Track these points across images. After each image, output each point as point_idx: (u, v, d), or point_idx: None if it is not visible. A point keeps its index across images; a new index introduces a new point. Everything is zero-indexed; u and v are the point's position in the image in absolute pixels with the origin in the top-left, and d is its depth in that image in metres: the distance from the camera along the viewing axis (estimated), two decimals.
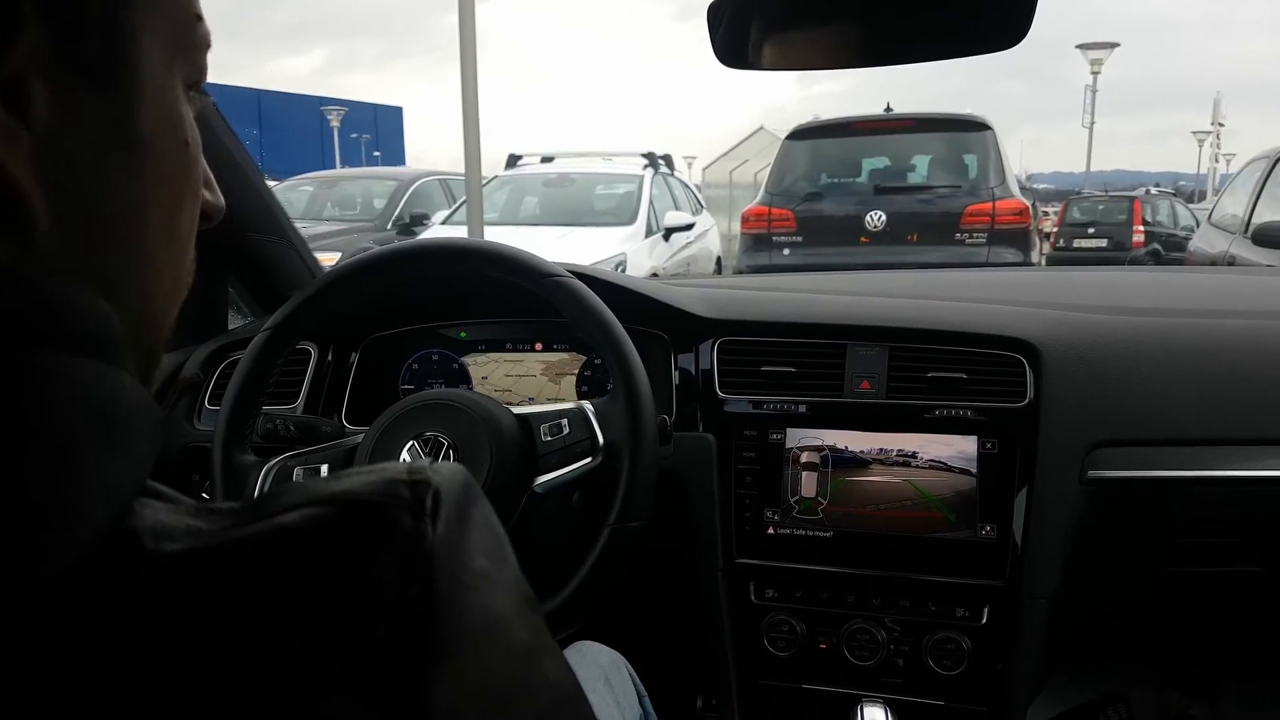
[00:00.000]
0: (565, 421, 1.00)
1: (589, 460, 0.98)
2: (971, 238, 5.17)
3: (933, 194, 5.46)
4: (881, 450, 1.15)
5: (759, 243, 5.61)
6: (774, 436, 1.19)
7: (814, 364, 1.20)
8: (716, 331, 1.24)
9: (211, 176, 0.42)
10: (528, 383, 1.32)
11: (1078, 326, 1.21)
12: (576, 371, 1.31)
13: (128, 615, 0.27)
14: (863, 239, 5.37)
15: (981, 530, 1.12)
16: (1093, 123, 21.60)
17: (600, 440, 0.98)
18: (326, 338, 1.31)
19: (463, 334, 1.34)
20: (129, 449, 0.30)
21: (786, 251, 5.52)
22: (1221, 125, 24.80)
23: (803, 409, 1.18)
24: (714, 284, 1.41)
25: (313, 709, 0.26)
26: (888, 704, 1.07)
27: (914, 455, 1.14)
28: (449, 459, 0.96)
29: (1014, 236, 5.13)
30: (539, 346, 1.32)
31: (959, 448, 1.13)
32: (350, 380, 1.30)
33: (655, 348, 1.25)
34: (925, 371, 1.16)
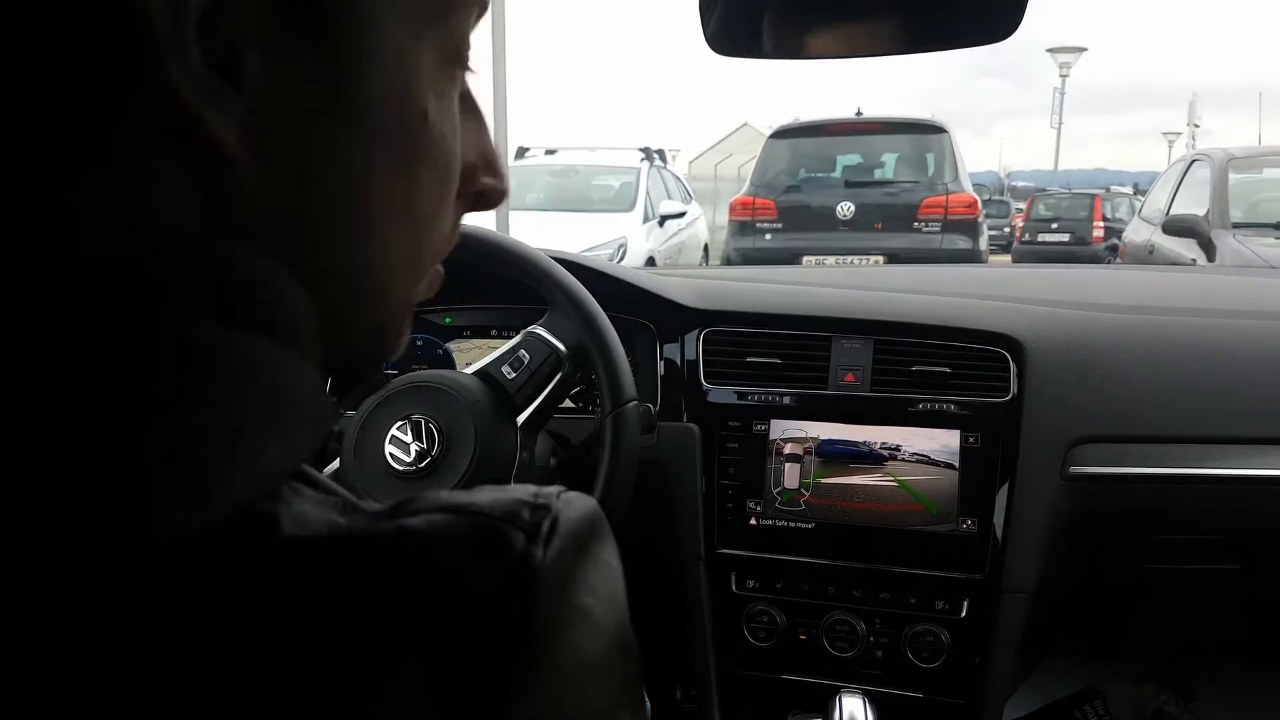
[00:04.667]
0: (523, 352, 1.02)
1: (559, 373, 1.01)
2: (928, 226, 5.94)
3: (896, 187, 6.27)
4: (865, 443, 1.16)
5: (744, 228, 6.36)
6: (758, 427, 1.19)
7: (799, 356, 1.20)
8: (702, 321, 1.24)
9: (495, 158, 0.40)
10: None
11: (1062, 323, 1.21)
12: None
13: (244, 591, 0.27)
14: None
15: (962, 524, 1.13)
16: (1060, 124, 22.39)
17: (562, 348, 1.01)
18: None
19: (447, 319, 1.33)
20: (286, 434, 0.30)
21: (768, 237, 6.27)
22: (1197, 126, 25.33)
23: (787, 400, 1.19)
24: (701, 274, 1.41)
25: (389, 705, 0.26)
26: (866, 695, 1.07)
27: (897, 448, 1.15)
28: (434, 440, 0.96)
29: (964, 225, 5.92)
30: None
31: (942, 441, 1.14)
32: None
33: (641, 337, 1.24)
34: (909, 365, 1.17)
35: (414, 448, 0.96)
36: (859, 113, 6.87)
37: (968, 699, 1.14)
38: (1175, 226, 5.59)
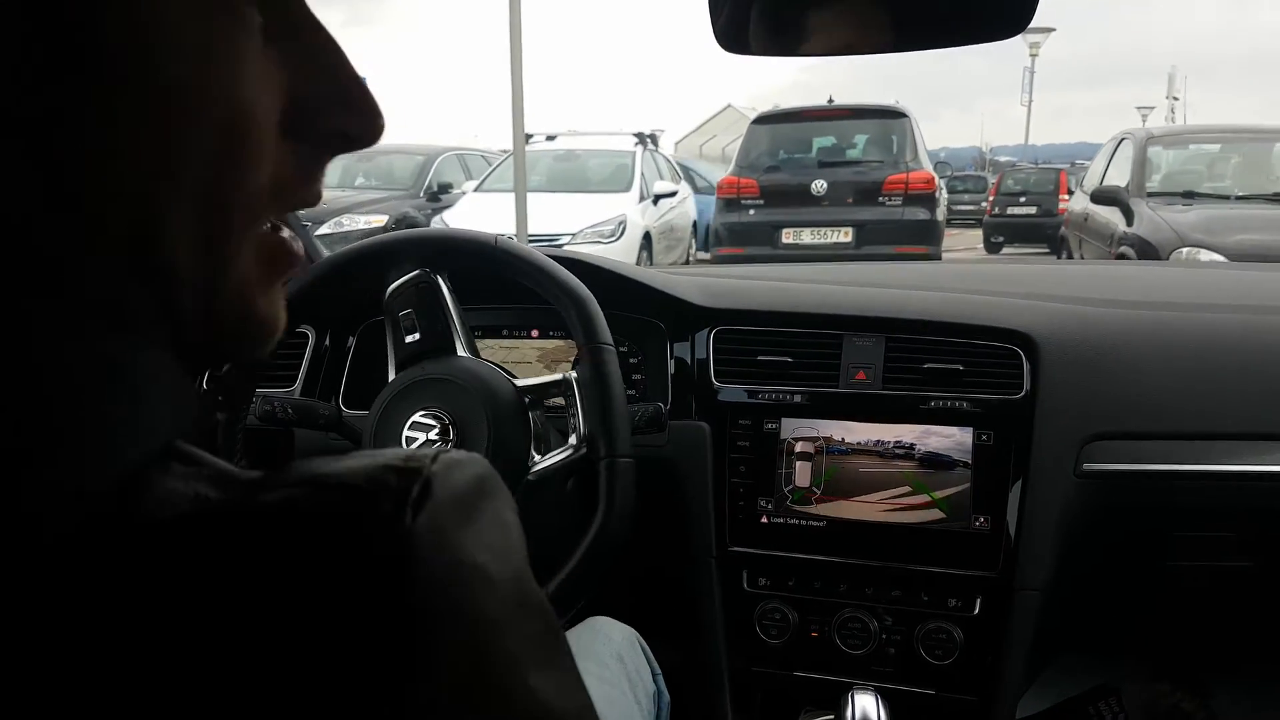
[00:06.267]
0: (556, 392, 1.02)
1: (571, 451, 0.99)
2: (891, 200, 6.77)
3: (863, 167, 7.09)
4: (876, 441, 1.15)
5: (730, 205, 7.14)
6: (769, 426, 1.18)
7: (810, 354, 1.20)
8: (713, 320, 1.23)
9: (352, 93, 0.35)
10: (523, 369, 1.31)
11: (1074, 319, 1.21)
12: (572, 359, 1.30)
13: (106, 584, 0.26)
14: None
15: (975, 521, 1.12)
16: (1030, 101, 23.86)
17: (583, 429, 0.99)
18: (324, 322, 1.30)
19: None
20: (140, 416, 0.29)
21: (752, 212, 7.06)
22: (1176, 99, 26.20)
23: (798, 399, 1.18)
24: (711, 273, 1.41)
25: (261, 702, 0.25)
26: (879, 692, 1.07)
27: (909, 446, 1.14)
28: (448, 437, 0.97)
29: (923, 199, 6.75)
30: (535, 333, 1.31)
31: (954, 439, 1.13)
32: (348, 364, 1.30)
33: (652, 336, 1.25)
34: (921, 363, 1.16)
35: (429, 439, 0.97)
36: (831, 100, 7.75)
37: (980, 696, 1.14)
38: (1102, 196, 6.35)
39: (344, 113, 0.36)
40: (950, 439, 1.13)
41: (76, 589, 0.26)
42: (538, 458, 1.00)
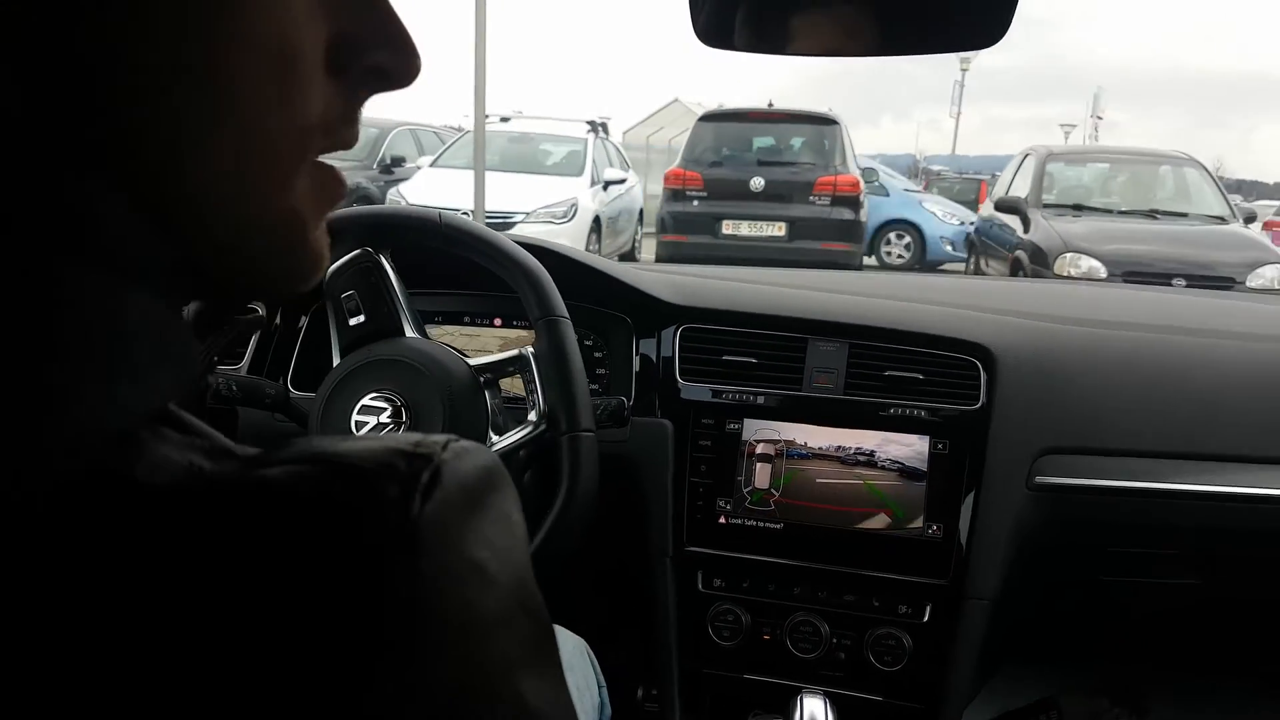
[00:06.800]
0: (513, 369, 1.00)
1: (531, 429, 0.97)
2: (820, 200, 7.43)
3: (797, 167, 7.74)
4: (835, 445, 1.16)
5: (676, 195, 7.70)
6: (731, 426, 1.19)
7: (775, 356, 1.20)
8: (680, 318, 1.23)
9: (391, 30, 0.35)
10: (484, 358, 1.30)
11: (1034, 334, 1.22)
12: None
13: (96, 548, 0.25)
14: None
15: (928, 529, 1.13)
16: (959, 114, 25.85)
17: (542, 406, 0.97)
18: (275, 300, 1.28)
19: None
20: (138, 375, 0.28)
21: (695, 203, 7.62)
22: (1100, 118, 27.34)
23: (761, 400, 1.19)
24: (680, 271, 1.41)
25: (250, 680, 0.25)
26: (827, 696, 1.07)
27: (867, 452, 1.15)
28: (400, 420, 0.95)
29: (848, 200, 7.45)
30: (498, 322, 1.30)
31: (911, 447, 1.14)
32: (298, 344, 1.28)
33: (618, 330, 1.24)
34: (883, 370, 1.17)
35: (380, 422, 0.95)
36: (770, 104, 8.59)
37: (927, 704, 1.15)
38: (1004, 205, 7.23)
39: (385, 50, 0.35)
40: (907, 446, 1.15)
41: (66, 550, 0.25)
42: (495, 439, 0.97)
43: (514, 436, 0.97)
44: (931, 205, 10.74)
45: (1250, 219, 7.07)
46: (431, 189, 7.71)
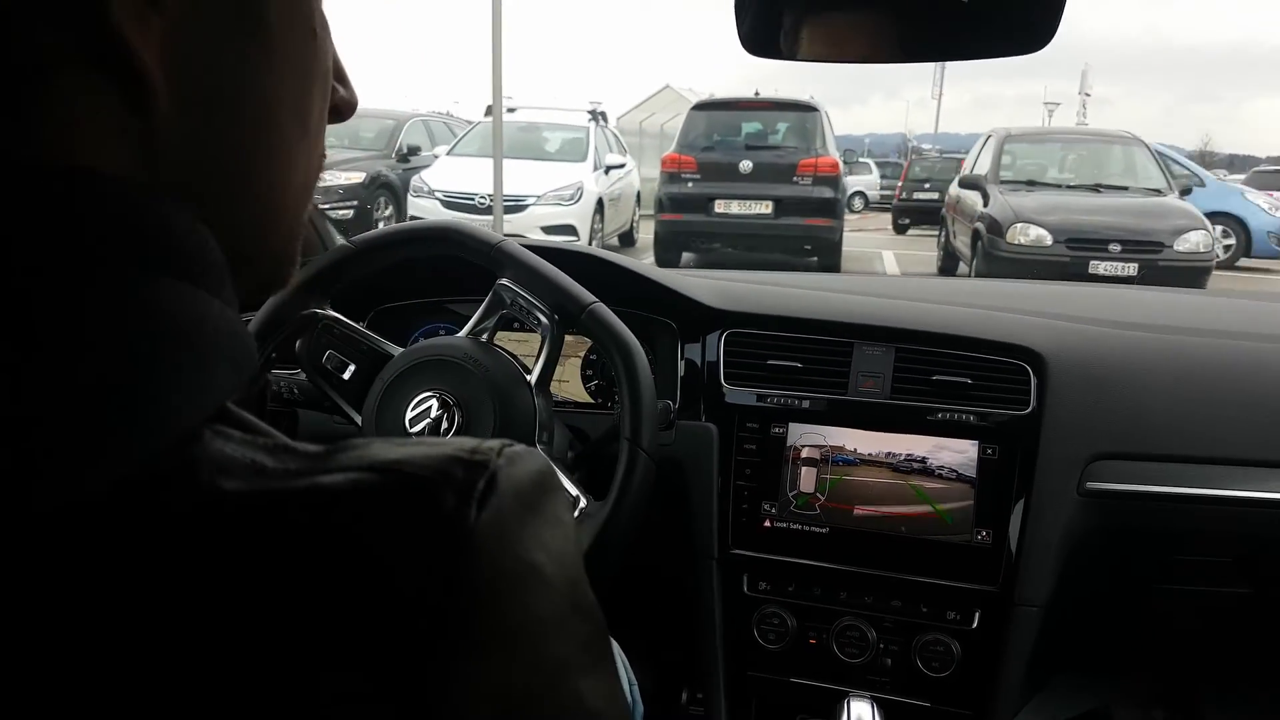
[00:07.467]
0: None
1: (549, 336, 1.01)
2: (802, 180, 8.17)
3: (782, 150, 8.49)
4: (882, 450, 1.16)
5: (672, 178, 8.47)
6: (776, 430, 1.19)
7: (820, 360, 1.20)
8: (725, 323, 1.24)
9: (345, 70, 0.41)
10: (531, 364, 1.32)
11: (1085, 338, 1.21)
12: (582, 355, 1.31)
13: (163, 544, 0.26)
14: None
15: (977, 535, 1.13)
16: (940, 95, 26.61)
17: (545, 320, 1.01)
18: (335, 305, 1.31)
19: (473, 311, 1.34)
20: (202, 375, 0.29)
21: (690, 185, 8.36)
22: (1088, 95, 27.73)
23: (806, 405, 1.19)
24: (725, 276, 1.41)
25: (316, 688, 0.25)
26: (874, 701, 1.07)
27: (914, 457, 1.15)
28: (453, 421, 0.97)
29: (828, 180, 8.20)
30: None
31: (960, 452, 1.14)
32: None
33: (663, 335, 1.25)
34: (930, 374, 1.17)
35: (434, 421, 0.97)
36: (756, 93, 9.44)
37: (976, 710, 1.14)
38: (966, 182, 8.19)
39: (342, 87, 0.41)
40: (956, 451, 1.14)
41: (133, 544, 0.26)
42: (544, 418, 1.00)
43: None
44: (1255, 197, 10.29)
45: (1186, 191, 7.69)
46: (451, 176, 8.79)
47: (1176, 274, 6.53)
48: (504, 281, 1.03)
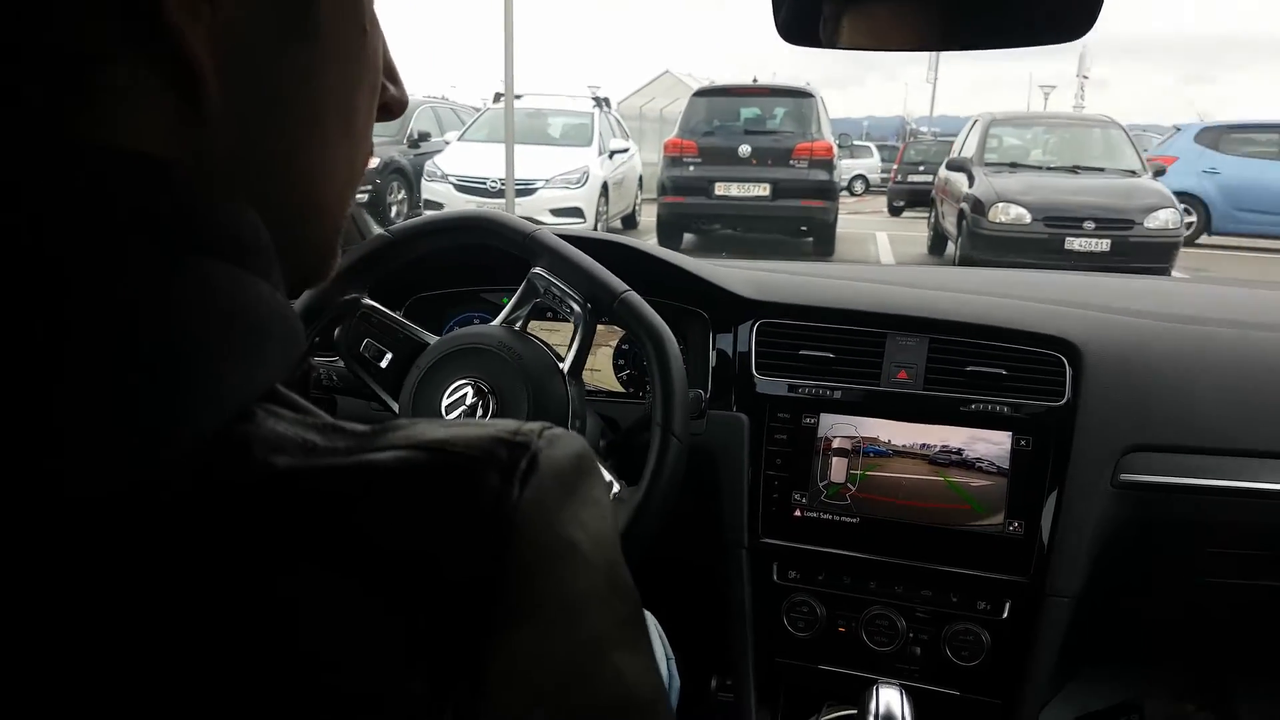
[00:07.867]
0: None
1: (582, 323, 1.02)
2: (798, 163, 8.58)
3: (779, 135, 8.89)
4: (915, 442, 1.16)
5: (674, 162, 8.85)
6: (807, 421, 1.19)
7: (852, 351, 1.20)
8: (757, 313, 1.24)
9: (395, 67, 0.41)
10: (564, 353, 1.33)
11: (1120, 329, 1.20)
12: (614, 345, 1.32)
13: (219, 521, 0.27)
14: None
15: (1009, 526, 1.13)
16: (936, 79, 27.28)
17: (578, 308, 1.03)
18: (373, 294, 1.32)
19: (505, 299, 1.35)
20: (255, 355, 0.30)
21: (691, 169, 8.75)
22: (1086, 78, 28.62)
23: (838, 395, 1.19)
24: (757, 266, 1.41)
25: (363, 656, 0.26)
26: (903, 689, 1.07)
27: (949, 448, 1.15)
28: (487, 407, 0.98)
29: (823, 163, 8.65)
30: None
31: (993, 442, 1.14)
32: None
33: (695, 325, 1.25)
34: (964, 365, 1.17)
35: (469, 409, 0.98)
36: (754, 80, 10.01)
37: (1005, 700, 1.14)
38: (953, 165, 8.61)
39: (392, 85, 0.43)
40: (989, 442, 1.14)
41: (191, 519, 0.27)
42: (576, 406, 1.01)
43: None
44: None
45: (1159, 172, 8.12)
46: (463, 160, 9.17)
47: (1146, 249, 7.06)
48: (538, 270, 1.03)
